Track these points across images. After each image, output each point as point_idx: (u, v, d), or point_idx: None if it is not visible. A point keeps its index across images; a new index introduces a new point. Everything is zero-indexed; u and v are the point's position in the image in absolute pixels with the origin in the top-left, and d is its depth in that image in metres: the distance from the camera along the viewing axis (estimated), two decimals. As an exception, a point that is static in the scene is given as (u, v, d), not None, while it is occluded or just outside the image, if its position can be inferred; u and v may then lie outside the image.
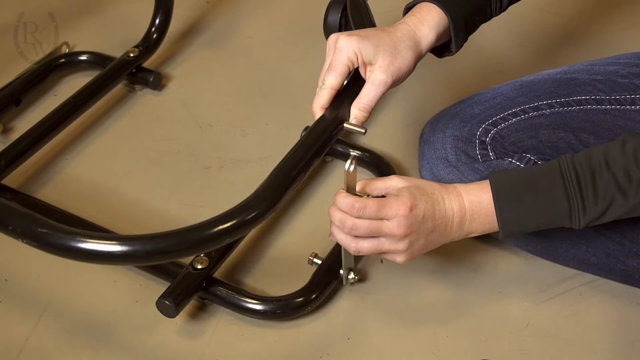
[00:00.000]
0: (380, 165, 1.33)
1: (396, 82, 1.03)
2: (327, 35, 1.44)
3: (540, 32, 1.68)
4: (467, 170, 1.10)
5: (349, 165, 0.99)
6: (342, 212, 0.99)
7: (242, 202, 0.95)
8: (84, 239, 0.90)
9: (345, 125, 1.03)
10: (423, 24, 1.05)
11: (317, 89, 1.03)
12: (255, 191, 0.96)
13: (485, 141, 1.11)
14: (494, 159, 1.10)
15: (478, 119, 1.13)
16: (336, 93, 1.04)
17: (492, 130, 1.12)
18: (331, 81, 1.02)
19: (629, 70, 1.16)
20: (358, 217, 0.98)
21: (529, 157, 1.10)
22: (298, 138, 1.35)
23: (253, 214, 0.94)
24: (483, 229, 1.02)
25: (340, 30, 1.43)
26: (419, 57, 1.05)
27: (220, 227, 0.93)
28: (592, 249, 1.12)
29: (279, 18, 1.73)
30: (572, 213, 0.98)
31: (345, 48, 1.02)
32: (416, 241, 1.00)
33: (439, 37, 1.06)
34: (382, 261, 1.22)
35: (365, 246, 1.00)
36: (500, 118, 1.13)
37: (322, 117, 1.03)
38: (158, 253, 0.91)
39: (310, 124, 1.06)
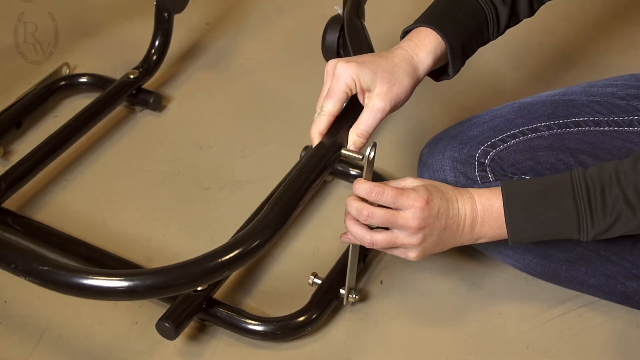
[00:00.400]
0: (379, 187, 1.33)
1: (394, 108, 1.04)
2: (325, 54, 1.45)
3: (538, 54, 1.69)
4: (466, 192, 1.11)
5: (369, 152, 0.99)
6: (359, 201, 1.00)
7: (241, 233, 0.95)
8: (86, 276, 0.92)
9: (343, 151, 1.04)
10: (420, 48, 1.06)
11: (315, 115, 1.04)
12: (254, 221, 0.95)
13: (484, 163, 1.11)
14: (492, 180, 1.10)
15: (477, 141, 1.13)
16: (334, 119, 1.04)
17: (490, 152, 1.12)
18: (329, 108, 1.03)
19: (626, 91, 1.16)
20: (375, 203, 0.99)
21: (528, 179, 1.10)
22: (298, 159, 1.36)
23: (254, 245, 0.94)
24: (492, 234, 1.03)
25: (338, 50, 1.44)
26: (416, 83, 1.06)
27: (221, 259, 0.93)
28: (592, 271, 1.12)
29: (279, 39, 1.74)
30: (580, 224, 0.98)
31: (343, 75, 1.02)
32: (429, 236, 1.01)
33: (437, 61, 1.07)
34: (381, 282, 1.22)
35: (379, 238, 1.01)
36: (499, 140, 1.13)
37: (321, 143, 1.04)
38: (159, 288, 0.92)
39: (309, 144, 1.06)
